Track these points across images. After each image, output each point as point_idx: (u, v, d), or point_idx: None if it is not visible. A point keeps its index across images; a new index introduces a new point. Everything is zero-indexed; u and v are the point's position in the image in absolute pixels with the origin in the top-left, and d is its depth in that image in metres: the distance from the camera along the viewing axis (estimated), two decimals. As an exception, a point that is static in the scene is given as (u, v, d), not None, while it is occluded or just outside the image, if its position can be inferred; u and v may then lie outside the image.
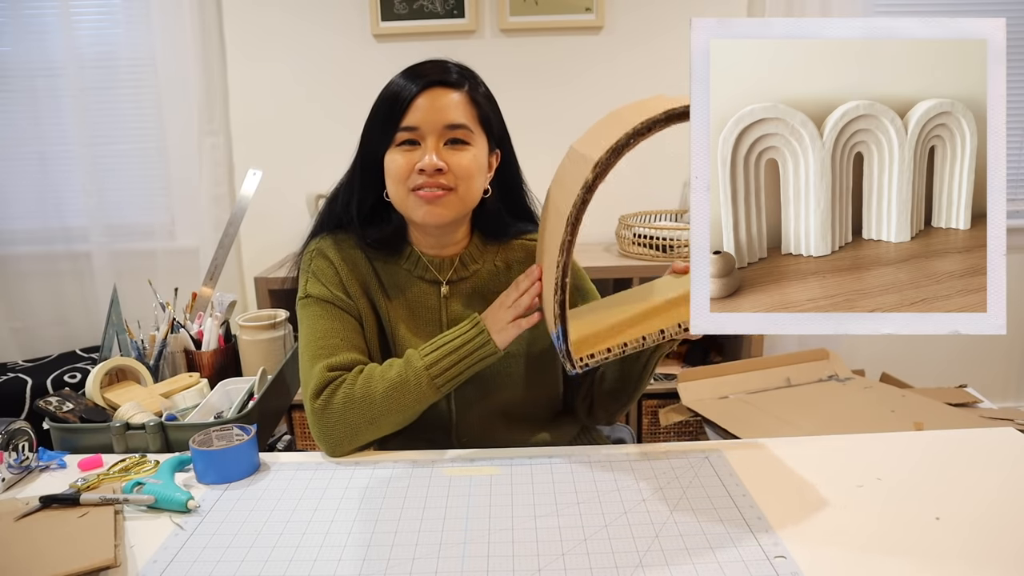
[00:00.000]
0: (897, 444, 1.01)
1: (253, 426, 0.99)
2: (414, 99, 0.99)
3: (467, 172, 1.01)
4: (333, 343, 1.04)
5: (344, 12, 2.36)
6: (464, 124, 1.01)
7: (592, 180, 0.81)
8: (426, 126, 1.00)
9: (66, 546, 0.78)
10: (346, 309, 1.07)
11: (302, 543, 0.80)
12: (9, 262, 2.50)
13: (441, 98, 1.00)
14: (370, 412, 0.99)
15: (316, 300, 1.07)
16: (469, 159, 1.02)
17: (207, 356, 1.41)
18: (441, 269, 1.10)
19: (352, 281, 1.09)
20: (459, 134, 1.01)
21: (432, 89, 1.00)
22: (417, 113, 1.00)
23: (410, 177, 1.01)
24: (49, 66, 2.35)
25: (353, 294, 1.08)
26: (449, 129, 1.00)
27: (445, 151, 1.01)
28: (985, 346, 2.63)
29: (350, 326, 1.07)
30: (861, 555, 0.75)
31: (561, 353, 0.90)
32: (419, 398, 0.99)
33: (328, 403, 0.99)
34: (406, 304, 1.10)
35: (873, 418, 1.49)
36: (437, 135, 1.00)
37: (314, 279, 1.09)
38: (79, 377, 2.11)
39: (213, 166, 2.40)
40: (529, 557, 0.76)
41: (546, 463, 0.97)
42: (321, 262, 1.09)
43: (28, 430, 1.02)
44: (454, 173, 1.01)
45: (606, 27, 2.38)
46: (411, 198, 1.02)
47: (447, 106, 1.00)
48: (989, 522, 0.80)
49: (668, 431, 2.13)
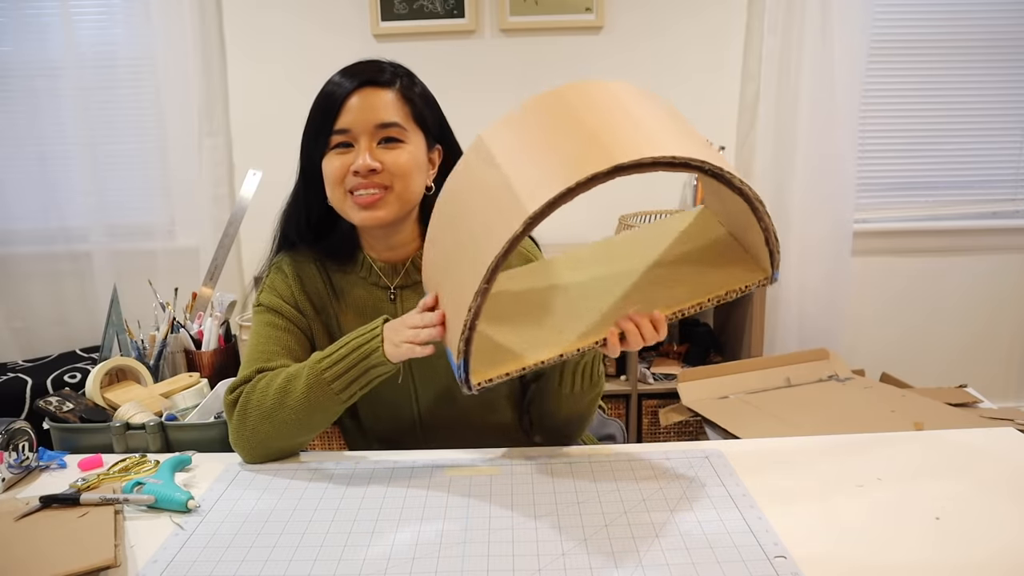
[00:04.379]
0: (897, 444, 1.01)
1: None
2: (345, 100, 0.99)
3: (403, 170, 1.00)
4: (272, 349, 1.04)
5: (344, 12, 2.36)
6: (396, 122, 1.00)
7: (520, 232, 0.72)
8: (358, 127, 0.99)
9: (66, 546, 0.78)
10: (294, 322, 1.08)
11: (302, 543, 0.80)
12: (9, 262, 2.49)
13: (372, 98, 1.00)
14: (264, 405, 0.97)
15: (266, 309, 1.08)
16: (405, 157, 1.01)
17: (207, 356, 1.41)
18: (393, 274, 1.10)
19: (304, 297, 1.09)
20: (392, 132, 1.00)
21: (363, 89, 1.00)
22: (349, 115, 0.99)
23: (346, 179, 1.00)
24: (49, 66, 2.35)
25: (305, 310, 1.09)
26: (381, 128, 1.00)
27: (379, 151, 1.00)
28: (985, 346, 2.63)
29: (294, 338, 1.07)
30: (861, 555, 0.75)
31: (460, 379, 0.87)
32: (309, 392, 0.95)
33: (236, 400, 0.99)
34: (361, 312, 1.10)
35: (873, 418, 1.49)
36: (370, 135, 0.99)
37: (268, 290, 1.10)
38: (79, 377, 2.11)
39: (213, 166, 2.40)
40: (529, 557, 0.76)
41: (546, 463, 0.97)
42: (276, 275, 1.10)
43: (28, 430, 1.02)
44: (389, 171, 1.00)
45: (606, 27, 2.38)
46: (348, 201, 1.01)
47: (378, 105, 1.00)
48: (989, 522, 0.80)
49: (668, 431, 2.13)
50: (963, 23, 2.41)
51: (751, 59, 2.38)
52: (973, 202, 2.56)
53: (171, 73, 2.33)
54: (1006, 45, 2.43)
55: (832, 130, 2.32)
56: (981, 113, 2.48)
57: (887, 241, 2.54)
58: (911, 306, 2.59)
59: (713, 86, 2.43)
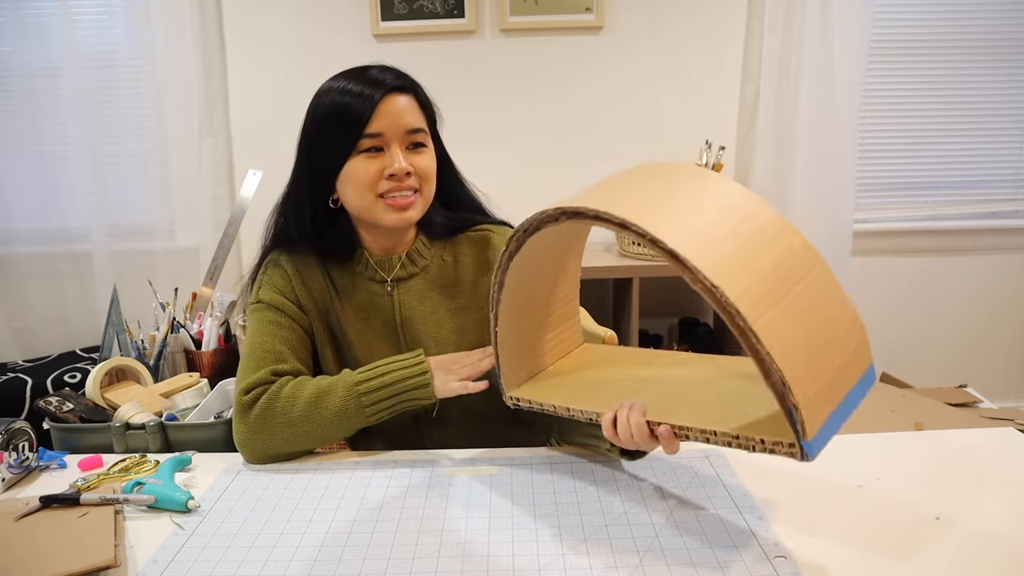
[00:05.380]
0: (897, 444, 1.01)
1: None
2: (377, 106, 1.00)
3: (429, 173, 1.05)
4: (280, 349, 1.05)
5: (344, 12, 2.36)
6: (423, 128, 1.04)
7: (521, 239, 0.81)
8: (391, 131, 1.01)
9: (66, 546, 0.78)
10: (297, 320, 1.08)
11: (302, 543, 0.80)
12: (9, 262, 2.50)
13: (401, 103, 1.02)
14: (290, 414, 0.98)
15: (267, 306, 1.08)
16: (429, 161, 1.05)
17: (207, 356, 1.41)
18: (389, 268, 1.11)
19: (305, 293, 1.09)
20: (419, 137, 1.03)
21: (393, 95, 1.02)
22: (382, 119, 1.00)
23: (378, 183, 1.02)
24: (49, 66, 2.35)
25: (307, 307, 1.09)
26: (410, 133, 1.02)
27: (408, 155, 1.02)
28: (985, 346, 2.63)
29: (298, 337, 1.08)
30: (861, 555, 0.75)
31: (499, 383, 0.95)
32: (342, 412, 0.98)
33: (254, 402, 0.99)
34: (360, 307, 1.11)
35: (873, 418, 1.49)
36: (400, 140, 1.02)
37: (267, 286, 1.10)
38: (79, 377, 2.11)
39: (213, 166, 2.40)
40: (529, 557, 0.76)
41: (546, 463, 0.97)
42: (275, 271, 1.10)
43: (28, 430, 1.02)
44: (419, 175, 1.03)
45: (606, 27, 2.38)
46: (379, 204, 1.03)
47: (406, 111, 1.02)
48: (989, 522, 0.80)
49: (668, 431, 2.13)
50: (963, 23, 2.41)
51: (751, 59, 2.38)
52: (973, 202, 2.56)
53: (171, 73, 2.33)
54: (1006, 45, 2.43)
55: (832, 130, 2.32)
56: (981, 113, 2.48)
57: (887, 241, 2.54)
58: (911, 306, 2.59)
59: (713, 86, 2.43)
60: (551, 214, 0.75)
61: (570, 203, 0.73)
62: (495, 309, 0.88)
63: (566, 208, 0.74)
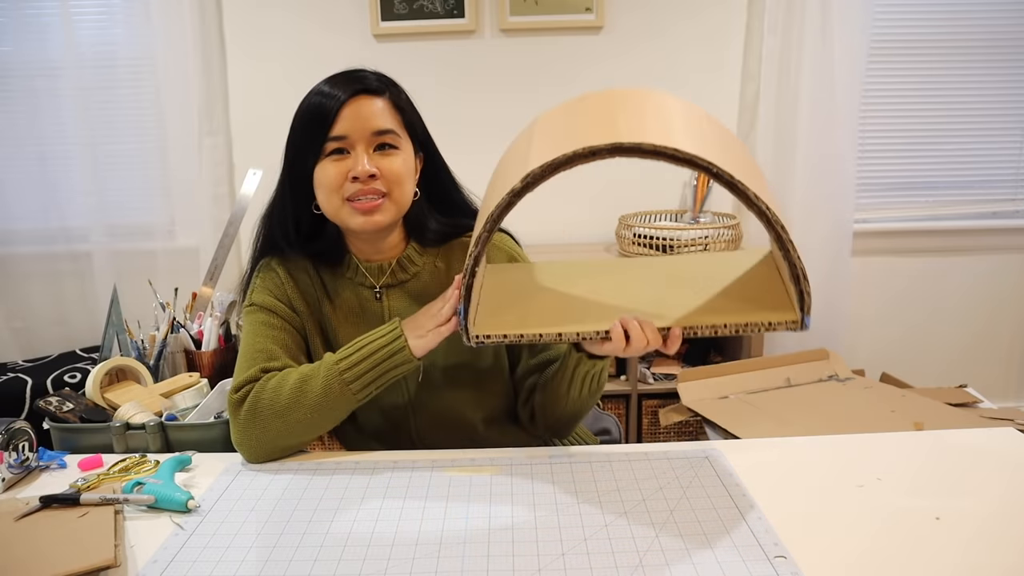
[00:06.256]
0: (897, 444, 1.01)
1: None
2: (341, 108, 1.00)
3: (398, 176, 1.03)
4: (272, 348, 1.05)
5: (344, 12, 2.36)
6: (391, 129, 1.03)
7: (520, 188, 0.79)
8: (355, 134, 1.00)
9: (66, 546, 0.78)
10: (289, 321, 1.09)
11: (302, 543, 0.80)
12: (9, 262, 2.49)
13: (367, 105, 1.01)
14: (277, 404, 0.98)
15: (260, 308, 1.09)
16: (399, 163, 1.03)
17: (207, 356, 1.41)
18: (379, 274, 1.11)
19: (297, 295, 1.10)
20: (388, 139, 1.02)
21: (358, 97, 1.01)
22: (345, 122, 1.00)
23: (343, 186, 1.01)
24: (49, 66, 2.35)
25: (299, 310, 1.10)
26: (377, 135, 1.01)
27: (375, 157, 1.02)
28: (985, 346, 2.63)
29: (291, 337, 1.08)
30: (861, 555, 0.75)
31: (460, 326, 0.92)
32: (327, 392, 0.98)
33: (244, 399, 1.00)
34: (350, 312, 1.11)
35: (873, 418, 1.49)
36: (366, 142, 1.01)
37: (260, 289, 1.10)
38: (79, 377, 2.11)
39: (213, 166, 2.39)
40: (529, 557, 0.76)
41: (546, 463, 0.98)
42: (268, 275, 1.11)
43: (28, 430, 1.02)
44: (386, 178, 1.02)
45: (606, 27, 2.38)
46: (345, 208, 1.02)
47: (373, 113, 1.02)
48: (989, 522, 0.80)
49: (668, 431, 2.13)
50: (963, 23, 2.41)
51: (751, 59, 2.38)
52: (973, 202, 2.55)
53: (171, 73, 2.33)
54: (1006, 45, 2.43)
55: (832, 130, 2.32)
56: (981, 113, 2.48)
57: (887, 241, 2.54)
58: (911, 306, 2.59)
59: (713, 86, 2.43)
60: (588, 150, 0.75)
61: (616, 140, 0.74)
62: (480, 248, 0.86)
63: (624, 144, 0.74)
